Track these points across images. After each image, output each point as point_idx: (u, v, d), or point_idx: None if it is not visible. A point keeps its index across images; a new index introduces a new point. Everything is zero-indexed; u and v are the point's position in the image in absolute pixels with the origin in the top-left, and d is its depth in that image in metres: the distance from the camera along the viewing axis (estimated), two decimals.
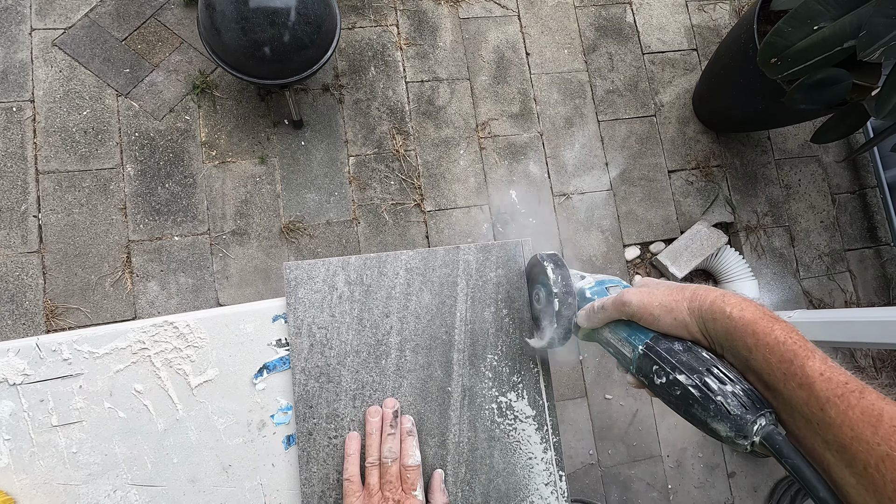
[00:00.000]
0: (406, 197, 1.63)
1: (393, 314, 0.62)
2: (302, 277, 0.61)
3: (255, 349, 0.60)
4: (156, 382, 0.57)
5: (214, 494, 0.56)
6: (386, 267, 0.63)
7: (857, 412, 0.29)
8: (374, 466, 0.55)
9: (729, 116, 1.74)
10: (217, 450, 0.57)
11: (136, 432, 0.56)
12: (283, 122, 1.60)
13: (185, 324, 0.59)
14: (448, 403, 0.61)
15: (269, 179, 1.57)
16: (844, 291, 1.86)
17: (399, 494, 0.53)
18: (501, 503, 0.60)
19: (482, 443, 0.61)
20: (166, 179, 1.50)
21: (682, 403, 0.38)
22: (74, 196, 1.45)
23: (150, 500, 0.55)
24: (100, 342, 0.57)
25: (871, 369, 1.79)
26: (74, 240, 1.43)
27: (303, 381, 0.59)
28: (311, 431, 0.58)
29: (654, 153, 1.81)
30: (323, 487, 0.57)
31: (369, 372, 0.60)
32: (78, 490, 0.54)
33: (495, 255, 0.66)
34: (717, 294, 0.39)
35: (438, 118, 1.70)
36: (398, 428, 0.57)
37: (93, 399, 0.56)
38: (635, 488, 1.60)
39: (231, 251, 1.51)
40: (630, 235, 1.75)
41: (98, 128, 1.49)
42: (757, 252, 1.81)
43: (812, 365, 0.32)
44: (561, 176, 1.74)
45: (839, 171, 1.95)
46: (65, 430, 0.55)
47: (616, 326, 0.47)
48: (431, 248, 0.65)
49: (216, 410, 0.58)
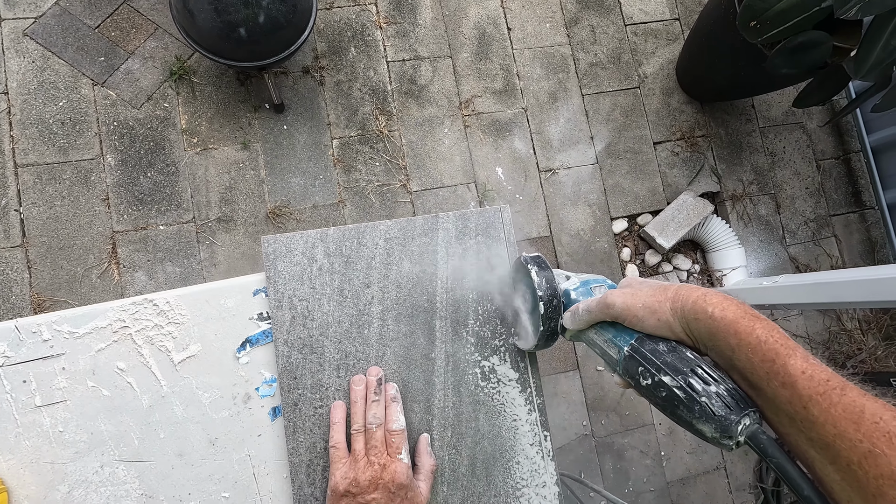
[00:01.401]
0: (392, 178, 1.62)
1: (374, 284, 0.62)
2: (281, 251, 0.61)
3: (237, 324, 0.60)
4: (138, 360, 0.57)
5: (203, 467, 0.57)
6: (365, 237, 0.63)
7: (840, 409, 0.30)
8: (360, 433, 0.56)
9: (712, 85, 1.74)
10: (203, 424, 0.58)
11: (122, 410, 0.56)
12: (265, 106, 1.59)
13: (165, 301, 0.59)
14: (432, 370, 0.62)
15: (253, 165, 1.56)
16: (830, 256, 1.88)
17: (384, 458, 0.54)
18: (488, 465, 0.61)
19: (467, 407, 0.61)
20: (148, 168, 1.49)
21: (668, 405, 0.38)
22: (55, 188, 1.43)
23: (139, 476, 0.56)
24: (79, 322, 0.57)
25: (858, 332, 1.82)
26: (58, 232, 1.42)
27: (286, 353, 0.59)
28: (297, 402, 0.59)
29: (638, 125, 1.81)
30: (310, 456, 0.58)
31: (352, 342, 0.61)
32: (66, 468, 0.55)
33: (474, 223, 0.66)
34: (699, 294, 0.39)
35: (421, 97, 1.69)
36: (382, 395, 0.58)
37: (75, 378, 0.56)
38: (629, 456, 1.63)
39: (217, 238, 1.50)
40: (617, 208, 1.75)
41: (75, 118, 1.47)
42: (743, 220, 1.83)
43: (794, 363, 0.32)
44: (546, 151, 1.73)
45: (823, 137, 1.96)
46: (49, 409, 0.55)
47: (601, 327, 0.47)
48: (410, 218, 0.65)
49: (201, 385, 0.58)
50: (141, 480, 0.56)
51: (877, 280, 1.11)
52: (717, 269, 1.72)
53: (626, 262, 1.74)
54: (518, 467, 0.61)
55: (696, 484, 1.65)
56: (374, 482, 0.52)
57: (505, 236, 0.66)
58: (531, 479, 0.61)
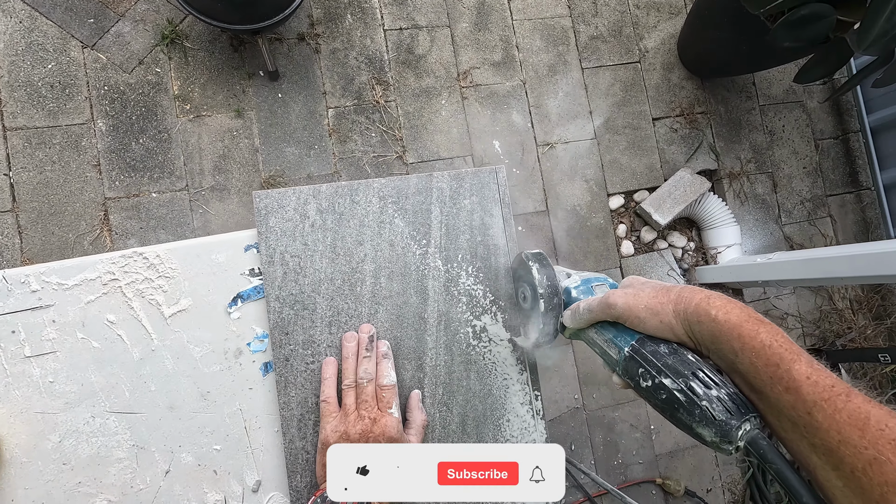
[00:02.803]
0: (388, 149, 1.60)
1: (366, 242, 0.62)
2: (272, 206, 0.61)
3: (228, 279, 0.60)
4: (128, 313, 0.57)
5: (193, 420, 0.57)
6: (358, 195, 0.62)
7: (844, 416, 0.29)
8: (350, 388, 0.56)
9: (714, 60, 1.71)
10: (195, 377, 0.58)
11: (112, 362, 0.56)
12: (259, 73, 1.56)
13: (155, 254, 0.58)
14: (424, 328, 0.62)
15: (247, 133, 1.53)
16: (825, 236, 1.89)
17: (375, 413, 0.54)
18: (478, 422, 0.61)
19: (458, 366, 0.62)
20: (140, 134, 1.46)
21: (668, 407, 0.38)
22: (45, 153, 1.41)
23: (130, 427, 0.56)
24: (68, 274, 0.56)
25: (848, 311, 1.84)
26: (49, 198, 1.40)
27: (277, 308, 0.59)
28: (288, 358, 0.59)
29: (638, 101, 1.79)
30: (302, 411, 0.58)
31: (344, 299, 0.60)
32: (56, 418, 0.55)
33: (469, 183, 0.65)
34: (702, 296, 0.39)
35: (419, 67, 1.66)
36: (374, 351, 0.58)
37: (65, 330, 0.56)
38: (619, 429, 1.66)
39: (211, 207, 1.48)
40: (614, 184, 1.74)
41: (65, 82, 1.44)
42: (740, 199, 1.82)
43: (798, 368, 0.32)
44: (544, 125, 1.72)
45: (823, 117, 1.95)
46: (38, 360, 0.55)
47: (602, 327, 0.46)
48: (404, 176, 0.64)
49: (192, 339, 0.58)
50: (132, 431, 0.56)
51: (868, 255, 1.11)
52: (712, 246, 1.73)
53: (621, 238, 1.74)
54: (508, 425, 0.61)
55: (684, 457, 1.68)
56: (364, 436, 0.53)
57: (500, 197, 0.66)
58: (521, 437, 0.62)
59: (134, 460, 0.56)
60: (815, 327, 1.82)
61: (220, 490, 0.57)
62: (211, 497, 0.57)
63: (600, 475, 1.62)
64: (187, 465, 0.56)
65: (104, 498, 0.55)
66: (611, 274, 1.70)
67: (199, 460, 0.57)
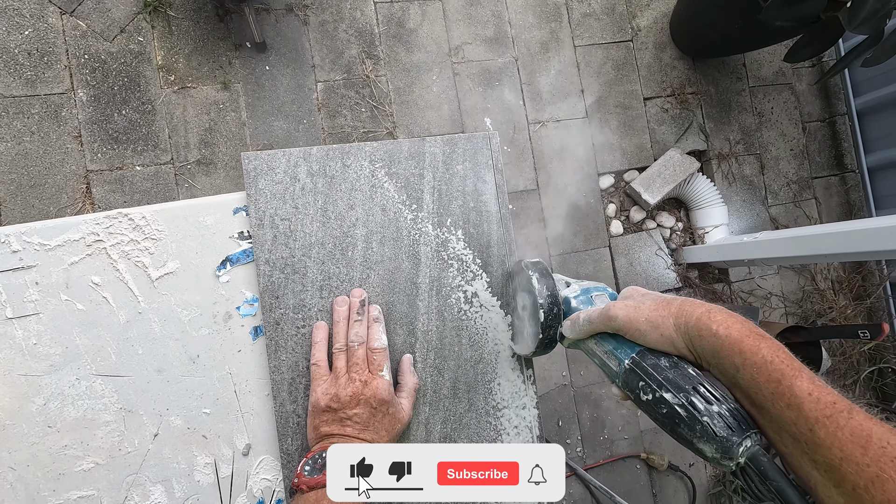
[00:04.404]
0: (378, 124, 1.58)
1: (358, 206, 0.61)
2: (262, 168, 0.59)
3: (217, 242, 0.59)
4: (114, 275, 0.56)
5: (182, 384, 0.57)
6: (349, 159, 0.61)
7: (847, 433, 0.29)
8: (342, 351, 0.56)
9: (706, 39, 1.71)
10: (183, 341, 0.57)
11: (97, 324, 0.55)
12: (245, 44, 1.52)
13: (141, 216, 0.57)
14: (416, 294, 0.61)
15: (234, 106, 1.50)
16: (809, 218, 1.92)
17: (366, 375, 0.54)
18: (470, 387, 0.61)
19: (450, 331, 0.62)
20: (122, 106, 1.43)
21: (668, 422, 0.38)
22: (24, 123, 1.37)
23: (117, 390, 0.55)
24: (50, 234, 0.55)
25: (830, 291, 1.88)
26: (28, 170, 1.36)
27: (267, 272, 0.58)
28: (279, 321, 0.58)
29: (630, 80, 1.78)
30: (292, 375, 0.58)
31: (336, 263, 0.60)
32: (40, 381, 0.54)
33: (462, 148, 0.65)
34: (703, 310, 0.38)
35: (410, 42, 1.63)
36: (365, 315, 0.57)
37: (48, 291, 0.54)
38: (605, 406, 1.68)
39: (197, 181, 1.46)
40: (604, 164, 1.74)
41: (43, 49, 1.39)
42: (728, 179, 1.84)
43: (800, 385, 0.32)
44: (536, 103, 1.70)
45: (811, 100, 1.96)
46: (21, 322, 0.54)
47: (602, 338, 0.46)
48: (396, 140, 0.63)
49: (180, 303, 0.57)
50: (119, 394, 0.55)
51: (851, 232, 1.13)
52: (700, 226, 1.74)
53: (610, 218, 1.75)
54: (499, 388, 0.62)
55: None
56: (355, 398, 0.53)
57: (493, 163, 0.65)
58: (512, 401, 0.62)
59: (121, 423, 0.55)
60: (798, 307, 1.86)
61: (210, 453, 0.57)
62: (201, 460, 0.56)
63: (587, 450, 1.65)
64: (176, 428, 0.56)
65: (91, 460, 0.54)
66: (599, 254, 1.71)
67: (188, 423, 0.56)
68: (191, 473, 0.56)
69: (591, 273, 1.69)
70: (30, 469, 0.53)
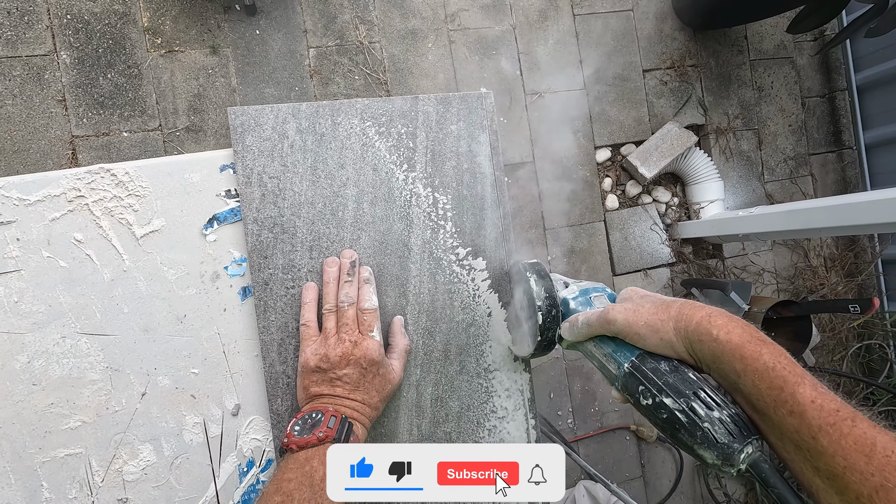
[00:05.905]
0: (371, 92, 1.55)
1: (349, 165, 0.59)
2: (249, 124, 0.57)
3: (203, 200, 0.57)
4: (97, 232, 0.54)
5: (169, 343, 0.56)
6: (339, 116, 0.60)
7: (850, 441, 0.29)
8: (331, 312, 0.55)
9: (708, 9, 1.67)
10: (170, 300, 0.56)
11: (81, 282, 0.54)
12: (235, 7, 1.47)
13: (124, 171, 0.55)
14: (408, 256, 0.60)
15: (223, 72, 1.46)
16: (805, 195, 1.91)
17: (356, 336, 0.53)
18: (461, 350, 0.61)
19: (442, 294, 0.61)
20: (108, 69, 1.38)
21: (669, 427, 0.37)
22: (5, 86, 1.32)
23: (103, 349, 0.54)
24: (29, 189, 0.53)
25: (822, 268, 1.89)
26: (11, 134, 1.33)
27: (255, 231, 0.57)
28: (268, 282, 0.57)
29: (629, 51, 1.75)
30: (282, 335, 0.57)
31: (326, 224, 0.58)
32: (24, 338, 0.53)
33: (456, 108, 0.63)
34: (703, 314, 0.37)
35: (405, 7, 1.58)
36: (356, 276, 0.57)
37: (29, 248, 0.53)
38: (596, 379, 1.70)
39: (187, 148, 1.43)
40: (602, 137, 1.72)
41: (23, 8, 1.34)
42: (725, 155, 1.82)
43: (803, 392, 0.31)
44: (533, 73, 1.67)
45: (811, 74, 1.94)
46: (2, 278, 0.52)
47: (601, 341, 0.45)
48: (389, 98, 0.62)
49: (165, 261, 0.56)
50: (105, 353, 0.54)
51: (845, 205, 1.13)
52: (696, 201, 1.73)
53: (606, 192, 1.73)
54: (491, 351, 0.61)
55: None
56: (345, 358, 0.52)
57: (488, 124, 0.64)
58: (503, 364, 0.62)
59: (108, 382, 0.54)
60: (790, 283, 1.87)
61: (198, 413, 0.56)
62: (190, 420, 0.56)
63: (577, 422, 1.67)
64: (164, 387, 0.55)
65: (78, 419, 0.53)
66: (594, 228, 1.70)
67: (176, 383, 0.56)
68: (180, 433, 0.56)
69: (586, 247, 1.69)
70: (15, 427, 0.52)
